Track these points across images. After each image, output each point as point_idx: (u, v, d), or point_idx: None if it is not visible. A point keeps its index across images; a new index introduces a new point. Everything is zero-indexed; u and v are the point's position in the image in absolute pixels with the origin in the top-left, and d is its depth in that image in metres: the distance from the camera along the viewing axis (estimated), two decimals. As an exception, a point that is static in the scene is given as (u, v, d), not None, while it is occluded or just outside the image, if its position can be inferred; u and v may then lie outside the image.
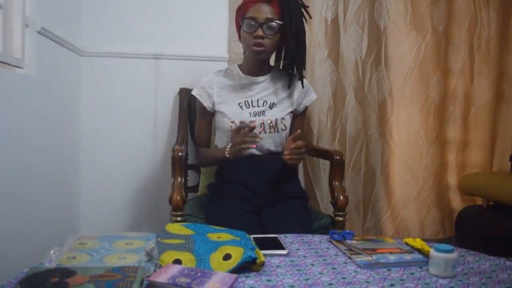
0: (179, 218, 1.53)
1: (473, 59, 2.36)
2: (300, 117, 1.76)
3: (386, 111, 2.26)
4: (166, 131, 2.21)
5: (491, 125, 2.41)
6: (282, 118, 1.65)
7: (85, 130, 2.15)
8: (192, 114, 2.09)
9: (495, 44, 2.36)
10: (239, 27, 1.65)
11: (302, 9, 1.64)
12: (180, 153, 1.62)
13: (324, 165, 2.19)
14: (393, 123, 2.28)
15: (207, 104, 1.67)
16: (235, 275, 0.91)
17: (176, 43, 2.19)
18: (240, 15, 1.62)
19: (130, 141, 2.19)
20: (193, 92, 1.71)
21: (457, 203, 2.40)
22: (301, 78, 1.68)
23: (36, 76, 1.60)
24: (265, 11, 1.55)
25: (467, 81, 2.36)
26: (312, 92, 1.77)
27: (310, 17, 1.73)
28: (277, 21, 1.55)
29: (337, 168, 1.73)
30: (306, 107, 1.77)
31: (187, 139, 2.03)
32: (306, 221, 1.55)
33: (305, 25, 1.66)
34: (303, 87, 1.70)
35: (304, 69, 1.71)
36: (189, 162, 2.05)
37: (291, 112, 1.71)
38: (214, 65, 2.01)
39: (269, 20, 1.55)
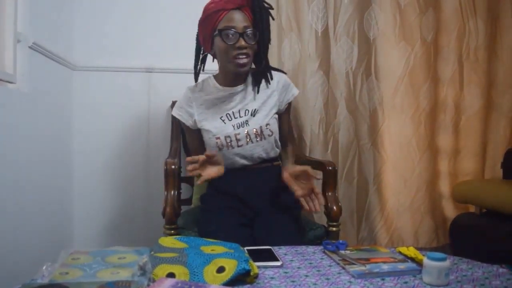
0: (172, 232, 1.53)
1: (462, 68, 2.38)
2: (285, 115, 1.72)
3: (378, 120, 2.28)
4: (158, 144, 2.21)
5: (482, 133, 2.43)
6: (267, 124, 1.61)
7: (78, 144, 2.15)
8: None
9: (483, 53, 2.38)
10: (210, 39, 1.55)
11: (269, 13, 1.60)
12: (173, 166, 1.62)
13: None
14: (385, 132, 2.30)
15: (189, 123, 1.64)
16: (229, 288, 0.91)
17: (168, 56, 2.20)
18: (211, 26, 1.51)
19: (122, 154, 2.19)
20: (173, 113, 1.67)
21: (450, 211, 2.41)
22: (266, 76, 1.64)
23: (28, 91, 1.60)
24: (240, 19, 1.48)
25: (457, 89, 2.39)
26: (293, 88, 1.70)
27: (273, 19, 1.65)
28: (253, 29, 1.51)
29: (330, 178, 1.73)
30: (290, 104, 1.71)
31: (180, 152, 2.03)
32: (297, 233, 1.54)
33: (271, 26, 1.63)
34: (269, 84, 1.64)
35: (270, 68, 1.67)
36: (182, 175, 2.05)
37: (276, 113, 1.66)
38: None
39: (246, 28, 1.49)
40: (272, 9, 1.63)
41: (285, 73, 1.76)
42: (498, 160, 2.44)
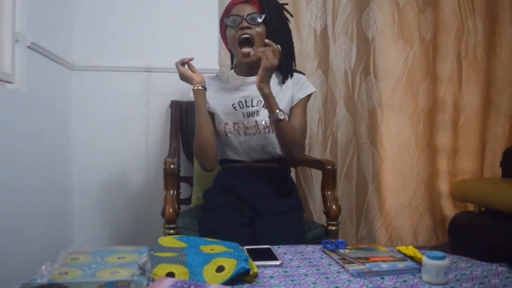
0: (172, 231, 1.53)
1: (460, 67, 2.39)
2: (295, 108, 1.65)
3: (376, 119, 2.28)
4: (158, 143, 2.21)
5: (480, 131, 2.43)
6: None
7: (77, 143, 2.15)
8: (184, 127, 2.09)
9: (482, 52, 2.39)
10: (224, 33, 1.66)
11: (282, 8, 1.67)
12: (172, 166, 1.62)
13: (316, 175, 2.19)
14: (384, 131, 2.30)
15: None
16: (228, 287, 0.91)
17: (167, 56, 2.17)
18: (223, 20, 1.64)
19: (122, 154, 2.19)
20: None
21: (449, 209, 2.41)
22: (286, 74, 1.67)
23: (27, 90, 1.59)
24: (246, 8, 1.58)
25: (455, 88, 2.39)
26: (308, 86, 1.68)
27: (292, 15, 1.75)
28: (259, 13, 1.57)
29: (329, 177, 1.73)
30: (302, 100, 1.66)
31: (179, 151, 2.03)
32: (298, 236, 1.54)
33: (289, 24, 1.69)
34: (283, 83, 1.66)
35: (291, 68, 1.69)
36: (182, 174, 2.05)
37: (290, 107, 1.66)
38: (205, 77, 2.02)
39: (250, 14, 1.56)
40: (285, 4, 1.69)
41: (303, 73, 1.77)
42: (497, 158, 2.44)
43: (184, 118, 2.10)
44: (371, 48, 2.26)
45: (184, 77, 1.57)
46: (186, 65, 1.57)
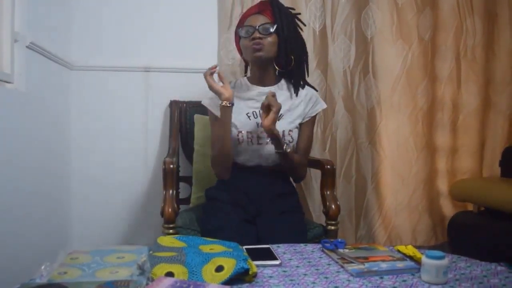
0: (171, 231, 1.53)
1: (459, 67, 2.39)
2: (305, 126, 1.71)
3: (375, 119, 2.28)
4: (157, 143, 2.21)
5: (479, 131, 2.43)
6: (290, 130, 1.64)
7: (76, 143, 2.15)
8: (183, 126, 2.09)
9: (480, 52, 2.39)
10: (238, 43, 1.70)
11: (295, 19, 1.70)
12: (172, 166, 1.62)
13: (316, 175, 2.19)
14: (383, 131, 2.30)
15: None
16: (227, 287, 0.91)
17: (166, 55, 2.20)
18: (237, 31, 1.69)
19: (121, 154, 2.19)
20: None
21: (448, 209, 2.41)
22: (297, 87, 1.70)
23: (26, 90, 1.59)
24: (258, 19, 1.61)
25: (454, 88, 2.39)
26: (320, 102, 1.74)
27: (305, 25, 1.80)
28: (271, 24, 1.60)
29: (328, 177, 1.74)
30: (313, 117, 1.73)
31: (179, 151, 2.03)
32: (300, 234, 1.55)
33: (302, 33, 1.74)
34: (296, 95, 1.69)
35: (303, 78, 1.73)
36: (181, 174, 2.05)
37: (300, 123, 1.69)
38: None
39: (263, 24, 1.59)
40: (298, 14, 1.74)
41: (316, 90, 1.80)
42: (496, 158, 2.44)
43: (183, 118, 2.10)
44: (370, 48, 2.26)
45: (213, 90, 1.54)
46: (214, 75, 1.55)
